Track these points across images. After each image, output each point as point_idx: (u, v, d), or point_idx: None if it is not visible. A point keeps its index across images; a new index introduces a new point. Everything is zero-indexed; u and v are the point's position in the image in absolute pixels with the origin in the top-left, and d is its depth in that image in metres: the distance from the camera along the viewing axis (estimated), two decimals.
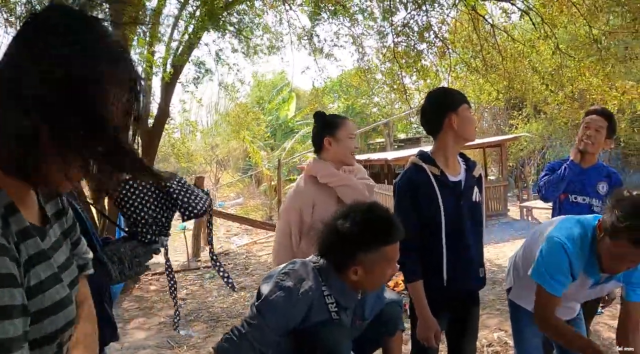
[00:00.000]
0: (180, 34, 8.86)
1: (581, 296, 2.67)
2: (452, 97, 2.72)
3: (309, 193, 3.01)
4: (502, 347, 4.69)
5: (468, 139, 2.73)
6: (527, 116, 18.99)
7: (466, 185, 2.74)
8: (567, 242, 2.32)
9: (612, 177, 3.65)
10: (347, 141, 3.02)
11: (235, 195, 27.89)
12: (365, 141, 33.14)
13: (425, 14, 8.89)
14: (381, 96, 25.28)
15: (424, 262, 2.64)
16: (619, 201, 2.15)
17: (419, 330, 2.62)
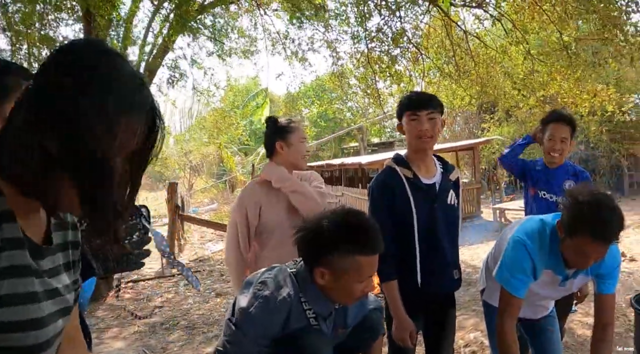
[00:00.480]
0: (154, 37, 8.81)
1: (553, 294, 2.72)
2: (399, 103, 2.80)
3: (255, 194, 3.05)
4: (478, 347, 4.75)
5: (414, 146, 2.74)
6: (499, 120, 19.24)
7: (441, 188, 2.75)
8: (527, 240, 2.38)
9: (580, 176, 3.75)
10: (298, 145, 3.05)
11: (210, 201, 27.75)
12: (339, 145, 33.28)
13: (399, 20, 8.98)
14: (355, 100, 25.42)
15: (400, 264, 2.66)
16: (573, 198, 2.19)
17: (395, 331, 2.64)
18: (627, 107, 15.34)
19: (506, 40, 9.56)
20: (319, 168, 21.98)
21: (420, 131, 2.63)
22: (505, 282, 2.42)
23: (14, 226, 1.03)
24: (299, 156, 3.06)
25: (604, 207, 2.10)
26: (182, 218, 12.09)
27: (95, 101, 0.97)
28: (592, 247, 2.15)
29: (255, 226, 3.01)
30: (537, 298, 2.72)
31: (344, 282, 1.97)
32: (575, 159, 17.20)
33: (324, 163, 23.02)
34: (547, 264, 2.40)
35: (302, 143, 3.07)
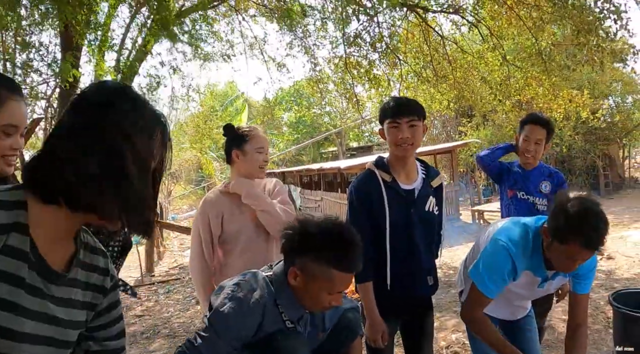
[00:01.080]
0: (132, 43, 8.75)
1: (532, 295, 2.74)
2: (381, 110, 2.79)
3: (217, 204, 2.99)
4: (460, 348, 4.78)
5: (394, 152, 2.72)
6: (477, 124, 19.44)
7: (420, 194, 2.73)
8: (511, 245, 2.38)
9: (555, 177, 3.80)
10: (254, 155, 2.97)
11: (188, 207, 27.59)
12: (317, 150, 33.30)
13: (377, 25, 9.03)
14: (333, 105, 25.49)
15: (373, 266, 2.64)
16: (562, 205, 2.21)
17: (367, 331, 2.64)
18: (601, 113, 15.63)
19: (483, 46, 9.66)
20: (298, 173, 22.02)
21: (400, 139, 2.61)
22: (480, 282, 2.42)
23: (24, 238, 1.09)
24: (255, 165, 2.98)
25: (595, 215, 2.14)
26: (161, 225, 12.00)
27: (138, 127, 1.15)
28: (581, 254, 2.20)
29: (218, 235, 2.97)
30: (515, 298, 2.74)
31: (313, 288, 1.98)
32: (552, 160, 17.47)
33: (303, 168, 23.03)
34: (527, 265, 2.42)
35: (259, 153, 2.98)
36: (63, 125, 1.15)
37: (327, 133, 28.80)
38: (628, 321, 2.53)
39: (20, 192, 1.12)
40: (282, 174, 24.21)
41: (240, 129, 3.04)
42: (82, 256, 1.25)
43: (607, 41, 7.59)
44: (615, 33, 7.40)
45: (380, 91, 10.33)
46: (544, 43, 8.86)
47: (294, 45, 10.09)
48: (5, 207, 1.09)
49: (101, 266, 1.31)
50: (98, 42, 7.32)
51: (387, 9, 8.57)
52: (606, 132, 18.31)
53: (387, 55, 9.57)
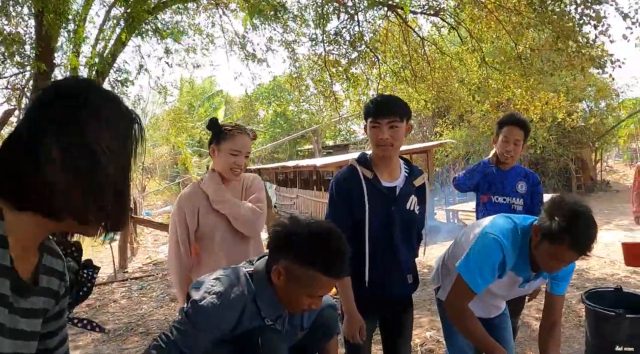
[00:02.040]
0: (107, 37, 8.63)
1: (510, 295, 2.78)
2: (365, 108, 2.76)
3: (193, 198, 2.96)
4: (435, 345, 4.83)
5: (376, 151, 2.72)
6: (452, 124, 19.60)
7: (401, 192, 2.73)
8: (503, 238, 2.39)
9: (530, 177, 3.86)
10: (227, 156, 2.89)
11: (163, 203, 27.34)
12: (294, 147, 33.28)
13: (357, 24, 9.04)
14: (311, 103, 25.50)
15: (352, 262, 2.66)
16: (557, 207, 2.24)
17: (344, 326, 2.63)
18: (577, 115, 15.87)
19: (462, 48, 9.74)
20: (274, 170, 21.99)
21: (380, 139, 2.61)
22: (469, 275, 2.41)
23: (5, 252, 1.00)
24: (225, 166, 2.91)
25: (587, 221, 2.18)
26: (135, 221, 11.89)
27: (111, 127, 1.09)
28: (570, 257, 2.23)
29: (194, 230, 2.93)
30: (491, 297, 2.77)
31: (294, 289, 1.95)
32: (525, 162, 17.70)
33: (278, 165, 23.01)
34: (513, 263, 2.44)
35: (233, 155, 2.89)
36: (31, 123, 1.04)
37: (303, 131, 28.79)
38: (600, 319, 2.58)
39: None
40: (258, 171, 24.11)
41: (224, 126, 2.97)
42: (45, 260, 1.17)
43: (586, 47, 7.70)
44: (594, 39, 7.50)
45: (358, 90, 10.36)
46: (522, 47, 8.97)
47: (274, 40, 10.06)
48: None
49: (59, 269, 1.22)
50: (73, 33, 7.20)
51: (367, 8, 8.60)
52: (579, 136, 18.64)
53: (366, 54, 9.59)
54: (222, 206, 2.90)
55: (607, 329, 2.59)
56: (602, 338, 2.62)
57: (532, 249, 2.38)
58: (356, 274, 2.64)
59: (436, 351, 4.75)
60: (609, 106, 21.09)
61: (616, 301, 2.76)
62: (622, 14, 6.86)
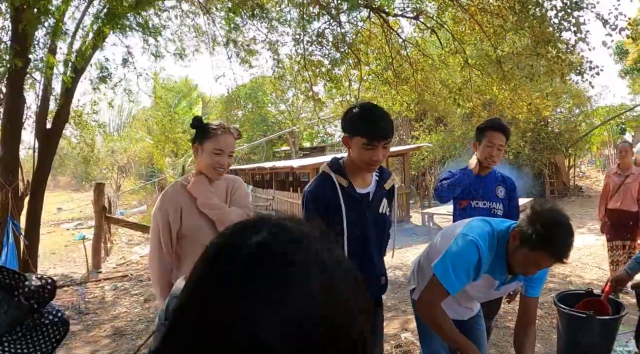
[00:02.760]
0: (84, 33, 8.51)
1: (486, 297, 2.81)
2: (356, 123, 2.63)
3: (176, 197, 2.90)
4: (410, 347, 4.87)
5: (359, 166, 2.68)
6: (429, 128, 19.74)
7: (374, 197, 2.76)
8: (480, 240, 2.41)
9: (507, 181, 3.92)
10: (210, 155, 2.84)
11: (138, 202, 27.06)
12: (271, 149, 33.24)
13: (339, 25, 9.05)
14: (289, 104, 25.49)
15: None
16: (538, 214, 2.27)
17: None
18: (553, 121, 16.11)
19: (445, 50, 9.81)
20: (250, 171, 21.93)
21: (374, 160, 2.59)
22: (444, 275, 2.41)
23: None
24: (209, 165, 2.86)
25: (566, 230, 2.21)
26: (109, 221, 11.76)
27: None
28: (548, 263, 2.29)
29: (177, 230, 2.88)
30: (466, 300, 2.81)
31: None
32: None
33: (255, 166, 22.95)
34: (490, 266, 2.47)
35: (216, 154, 2.84)
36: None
37: (280, 132, 28.77)
38: (570, 321, 2.63)
39: None
40: (234, 172, 24.03)
41: (208, 125, 2.91)
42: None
43: (566, 54, 7.81)
44: (574, 45, 7.61)
45: (341, 90, 10.40)
46: (502, 52, 9.08)
47: (258, 41, 10.03)
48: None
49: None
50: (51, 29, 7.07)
51: (349, 10, 8.62)
52: (553, 142, 18.91)
53: (348, 55, 9.61)
54: (211, 212, 2.86)
55: (577, 330, 2.64)
56: (573, 339, 2.67)
57: (509, 253, 2.41)
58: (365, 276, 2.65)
59: (411, 352, 4.78)
60: (583, 113, 21.47)
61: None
62: (602, 20, 6.96)
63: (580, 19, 7.13)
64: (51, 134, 8.18)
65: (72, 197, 33.68)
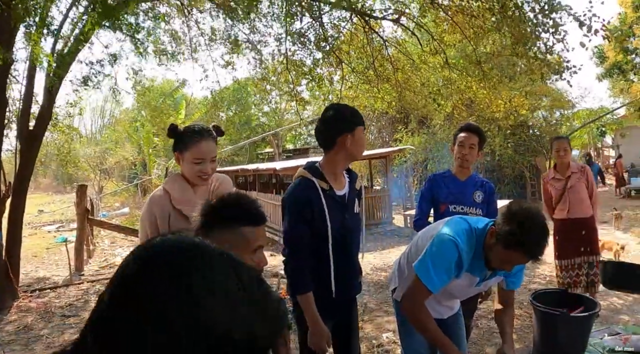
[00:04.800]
0: (70, 30, 8.43)
1: (467, 294, 2.87)
2: (351, 117, 2.79)
3: (165, 203, 2.81)
4: (391, 346, 4.93)
5: (357, 158, 2.88)
6: (412, 130, 19.86)
7: (349, 198, 2.85)
8: (458, 239, 2.47)
9: (486, 186, 3.99)
10: (191, 164, 2.77)
11: (120, 204, 26.90)
12: (254, 150, 33.20)
13: (320, 26, 9.09)
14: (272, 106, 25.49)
15: (315, 274, 2.71)
16: (514, 214, 2.33)
17: (313, 339, 2.69)
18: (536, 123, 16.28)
19: (425, 49, 9.89)
20: (233, 173, 21.91)
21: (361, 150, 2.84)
22: (425, 275, 2.46)
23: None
24: (192, 174, 2.79)
25: (541, 230, 2.29)
26: (92, 223, 11.69)
27: None
28: (522, 261, 2.38)
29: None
30: (447, 298, 2.87)
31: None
32: (482, 169, 18.08)
33: (238, 168, 22.93)
34: (468, 265, 2.53)
35: (197, 164, 2.76)
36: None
37: (264, 134, 28.75)
38: (545, 319, 2.71)
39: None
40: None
41: (185, 134, 2.82)
42: None
43: (545, 54, 7.90)
44: (552, 46, 7.69)
45: (323, 90, 10.46)
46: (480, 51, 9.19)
47: (241, 42, 10.03)
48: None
49: None
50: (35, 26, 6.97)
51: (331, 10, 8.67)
52: (534, 144, 19.14)
53: (330, 55, 9.66)
54: (185, 208, 2.78)
55: (552, 327, 2.72)
56: (548, 336, 2.75)
57: (486, 249, 2.48)
58: (320, 285, 2.72)
59: (392, 352, 4.85)
60: (564, 116, 21.76)
61: (559, 301, 2.90)
62: (577, 21, 7.04)
63: (558, 21, 7.22)
64: (34, 135, 8.11)
65: (53, 199, 33.38)
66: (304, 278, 2.67)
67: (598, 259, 5.58)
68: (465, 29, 8.53)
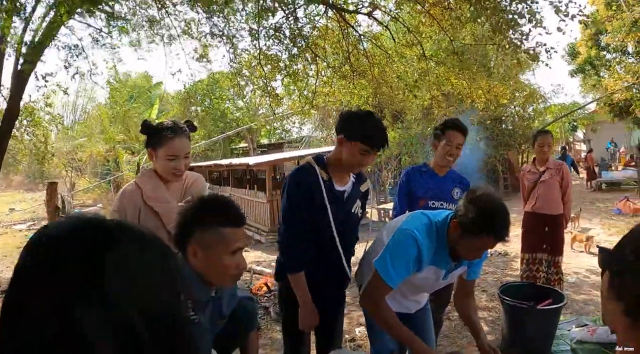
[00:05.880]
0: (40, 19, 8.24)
1: (435, 287, 2.87)
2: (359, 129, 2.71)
3: (136, 198, 2.80)
4: (364, 341, 4.94)
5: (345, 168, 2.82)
6: (385, 125, 19.92)
7: (349, 196, 2.87)
8: (417, 233, 2.48)
9: (463, 182, 4.00)
10: (164, 161, 2.77)
11: (93, 202, 26.55)
12: (228, 145, 32.99)
13: (295, 20, 9.03)
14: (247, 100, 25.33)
15: (324, 259, 2.80)
16: (475, 201, 2.36)
17: (302, 318, 2.73)
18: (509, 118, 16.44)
19: (401, 42, 9.89)
20: (207, 168, 21.77)
21: (363, 165, 2.79)
22: (383, 270, 2.48)
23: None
24: (165, 171, 2.80)
25: (504, 212, 2.33)
26: None
27: None
28: (491, 245, 2.39)
29: None
30: (414, 293, 2.88)
31: (214, 256, 1.97)
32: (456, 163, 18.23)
33: (211, 163, 22.76)
34: (432, 260, 2.54)
35: (169, 160, 2.76)
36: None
37: (238, 129, 28.59)
38: (513, 311, 2.74)
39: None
40: (190, 169, 23.55)
41: (158, 130, 2.80)
42: None
43: (521, 40, 7.92)
44: (528, 32, 7.71)
45: (299, 85, 10.42)
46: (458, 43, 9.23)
47: (215, 35, 9.92)
48: None
49: None
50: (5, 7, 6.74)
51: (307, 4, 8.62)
52: (507, 139, 19.36)
53: (305, 50, 9.61)
54: (156, 204, 2.80)
55: (519, 319, 2.75)
56: (516, 328, 2.78)
57: (450, 242, 2.49)
58: (333, 270, 2.83)
59: (365, 346, 4.85)
60: (536, 111, 22.03)
61: (527, 294, 2.94)
62: (554, 8, 7.06)
63: (533, 7, 7.25)
64: (1, 132, 7.94)
65: (25, 197, 32.79)
66: (301, 255, 2.71)
67: (559, 260, 5.59)
68: (442, 21, 8.53)
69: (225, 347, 2.47)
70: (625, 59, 21.86)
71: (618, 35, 18.15)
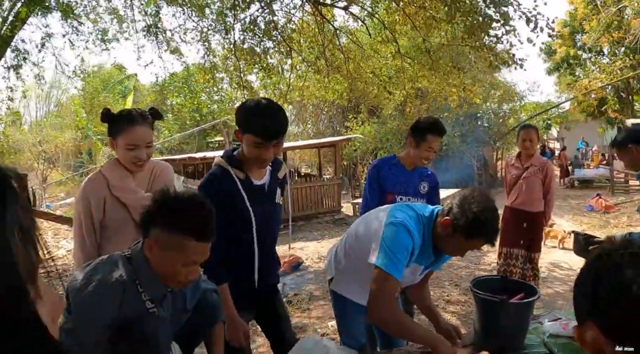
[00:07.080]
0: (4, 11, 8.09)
1: (409, 284, 2.83)
2: (249, 117, 2.55)
3: (99, 187, 2.72)
4: (336, 335, 4.90)
5: (250, 163, 2.66)
6: (362, 120, 19.96)
7: (269, 188, 2.78)
8: (407, 223, 2.42)
9: (430, 177, 4.00)
10: (124, 150, 2.69)
11: (65, 195, 26.13)
12: (204, 139, 32.78)
13: (271, 14, 8.96)
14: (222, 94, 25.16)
15: (236, 265, 2.68)
16: (470, 204, 2.32)
17: (229, 332, 2.60)
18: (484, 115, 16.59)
19: (376, 39, 9.89)
20: (181, 161, 21.61)
21: (263, 159, 2.59)
22: (389, 265, 2.35)
23: None
24: (126, 160, 2.72)
25: (496, 216, 2.34)
26: (34, 214, 11.27)
27: None
28: (480, 246, 2.43)
29: (100, 220, 2.71)
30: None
31: (167, 259, 1.88)
32: None
33: (185, 156, 22.58)
34: (417, 254, 2.49)
35: (129, 150, 2.67)
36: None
37: (214, 122, 28.37)
38: (485, 305, 2.72)
39: None
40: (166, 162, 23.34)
41: (118, 118, 2.70)
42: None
43: (494, 42, 7.97)
44: (501, 36, 7.75)
45: (274, 79, 10.36)
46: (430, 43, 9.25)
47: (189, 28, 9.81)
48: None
49: None
50: None
51: None
52: (482, 136, 19.54)
53: (281, 44, 9.55)
54: (123, 195, 2.73)
55: (492, 314, 2.73)
56: (488, 322, 2.76)
57: (436, 238, 2.48)
58: (242, 276, 2.71)
59: (337, 340, 4.81)
60: (511, 108, 22.28)
61: (500, 288, 2.91)
62: (525, 18, 7.12)
63: (507, 12, 7.29)
64: None
65: None
66: (219, 270, 2.57)
67: (535, 256, 5.64)
68: (416, 20, 8.54)
69: (189, 341, 2.40)
70: (600, 59, 22.24)
71: (593, 35, 18.43)
